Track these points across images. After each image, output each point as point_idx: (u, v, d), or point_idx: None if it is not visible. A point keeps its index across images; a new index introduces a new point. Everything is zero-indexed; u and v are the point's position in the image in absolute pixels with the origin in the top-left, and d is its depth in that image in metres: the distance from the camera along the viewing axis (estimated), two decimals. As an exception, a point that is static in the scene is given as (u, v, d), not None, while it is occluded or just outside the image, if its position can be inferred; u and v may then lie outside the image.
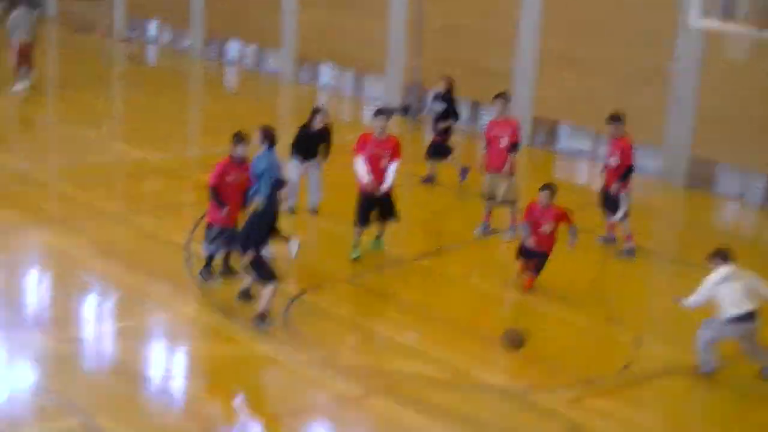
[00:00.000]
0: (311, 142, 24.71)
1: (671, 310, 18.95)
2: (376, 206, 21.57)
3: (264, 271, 18.32)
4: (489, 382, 17.56)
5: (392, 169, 21.40)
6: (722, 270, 17.35)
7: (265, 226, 18.30)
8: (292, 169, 24.26)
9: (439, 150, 28.02)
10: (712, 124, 28.69)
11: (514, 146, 24.12)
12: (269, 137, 21.52)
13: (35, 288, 20.85)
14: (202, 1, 42.10)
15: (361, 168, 21.18)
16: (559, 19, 31.45)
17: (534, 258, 20.59)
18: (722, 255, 17.65)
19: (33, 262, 21.84)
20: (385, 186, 21.52)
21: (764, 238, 27.08)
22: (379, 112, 21.76)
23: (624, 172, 23.38)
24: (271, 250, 19.15)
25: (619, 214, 23.52)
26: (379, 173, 21.40)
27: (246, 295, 19.33)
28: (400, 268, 22.19)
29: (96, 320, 19.43)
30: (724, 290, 17.19)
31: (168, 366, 17.94)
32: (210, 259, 20.33)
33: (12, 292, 20.35)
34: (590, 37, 30.78)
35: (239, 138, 20.31)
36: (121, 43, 43.03)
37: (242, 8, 40.46)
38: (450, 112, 27.84)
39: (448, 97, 27.93)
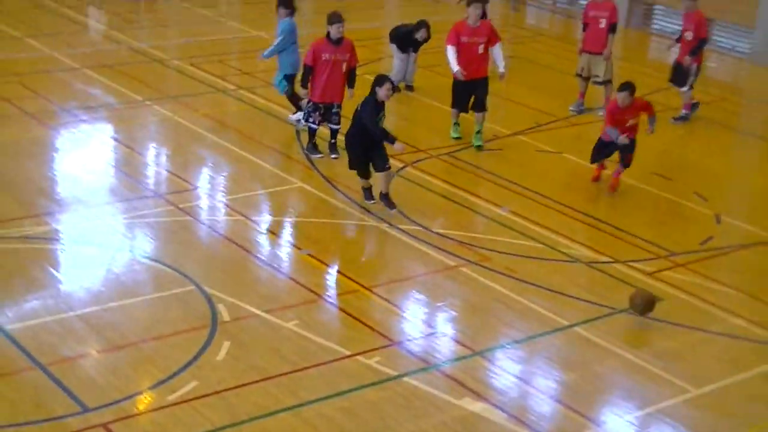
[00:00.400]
0: (411, 41, 24.57)
1: (755, 187, 18.90)
2: (471, 93, 21.11)
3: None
4: (575, 254, 17.69)
5: (498, 53, 20.93)
6: None
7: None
8: (395, 56, 24.46)
9: None
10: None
11: (612, 27, 23.96)
12: (286, 4, 21.89)
13: (153, 160, 21.16)
14: None
15: (452, 57, 20.71)
16: None
17: (620, 151, 20.10)
18: None
19: (152, 134, 22.13)
20: (501, 69, 21.30)
21: None
22: (335, 17, 20.39)
23: (696, 45, 23.44)
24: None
25: (686, 86, 23.50)
26: (477, 61, 20.93)
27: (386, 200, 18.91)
28: (498, 143, 22.02)
29: (210, 192, 19.69)
30: None
31: (276, 237, 18.21)
32: (312, 134, 20.66)
33: (132, 164, 20.72)
34: None
35: (334, 18, 20.14)
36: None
37: None
38: None
39: None
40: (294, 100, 21.73)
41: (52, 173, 19.75)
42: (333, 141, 20.65)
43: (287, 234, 18.31)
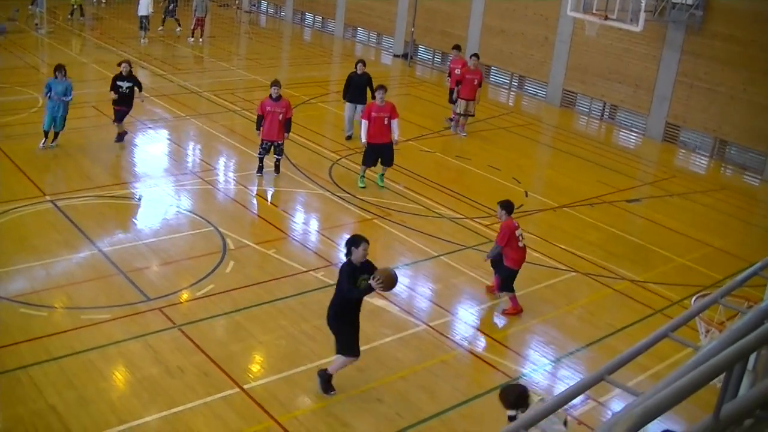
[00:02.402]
0: (357, 87, 21.90)
1: (547, 175, 18.95)
2: (378, 155, 18.83)
3: None
4: (442, 213, 17.83)
5: (395, 125, 18.71)
6: None
7: None
8: (346, 108, 22.36)
9: None
10: (574, 72, 28.56)
11: (479, 83, 23.42)
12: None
13: (191, 151, 21.09)
14: (290, -13, 41.75)
15: (364, 129, 18.46)
16: (494, 6, 31.09)
17: None
18: None
19: (190, 136, 21.95)
20: (396, 138, 18.87)
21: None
22: (381, 88, 18.71)
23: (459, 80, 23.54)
24: None
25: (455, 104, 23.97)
26: (382, 129, 18.61)
27: None
28: (397, 146, 22.07)
29: (224, 171, 19.64)
30: None
31: (262, 199, 18.22)
32: (260, 161, 19.16)
33: (178, 154, 20.69)
34: (511, 18, 30.48)
35: (274, 82, 18.62)
36: (245, 13, 42.49)
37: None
38: None
39: None
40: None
41: (132, 159, 19.71)
42: (276, 164, 19.05)
43: (270, 197, 18.33)
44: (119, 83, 19.66)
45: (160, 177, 18.54)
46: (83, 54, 30.71)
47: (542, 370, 12.39)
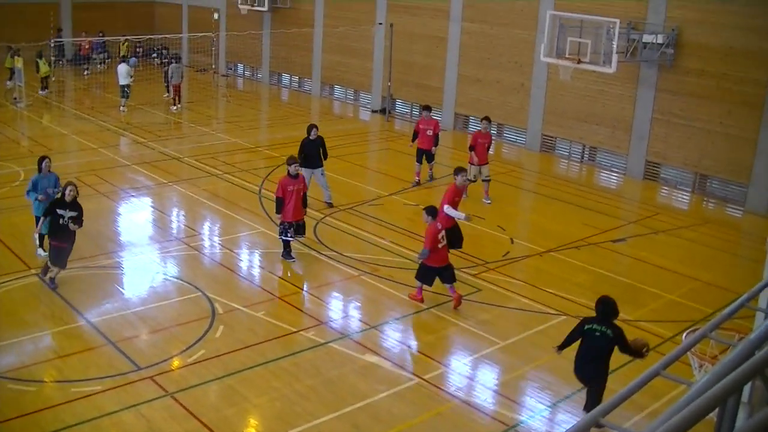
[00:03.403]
0: (311, 151, 21.00)
1: (532, 221, 18.97)
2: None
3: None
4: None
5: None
6: None
7: None
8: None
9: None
10: (552, 116, 28.81)
11: (436, 138, 23.58)
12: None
13: (175, 217, 21.02)
14: (268, 51, 41.82)
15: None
16: (468, 56, 31.39)
17: None
18: None
19: (173, 203, 21.91)
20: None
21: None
22: (292, 159, 17.54)
23: (435, 138, 23.72)
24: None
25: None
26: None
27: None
28: (380, 200, 22.08)
29: (209, 235, 19.57)
30: None
31: (248, 262, 18.16)
32: (287, 244, 17.84)
33: (162, 220, 20.62)
34: (485, 67, 30.76)
35: (291, 160, 17.55)
36: (222, 77, 42.79)
37: (291, 54, 40.27)
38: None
39: None
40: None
41: (116, 228, 19.66)
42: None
43: (256, 260, 18.25)
44: (60, 212, 15.61)
45: (146, 245, 18.50)
46: (62, 125, 30.74)
47: (539, 416, 12.33)
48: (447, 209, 17.07)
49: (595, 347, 11.15)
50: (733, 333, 10.99)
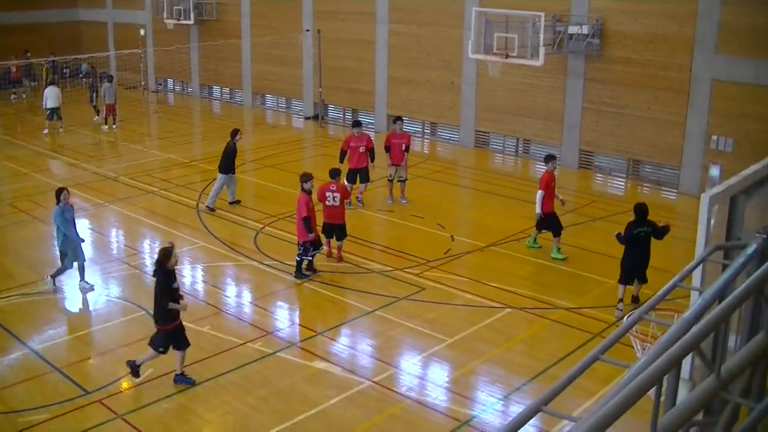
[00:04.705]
0: (231, 156, 21.84)
1: (471, 217, 19.09)
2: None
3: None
4: (371, 268, 17.92)
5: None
6: None
7: None
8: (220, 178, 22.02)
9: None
10: (484, 112, 29.05)
11: (407, 147, 22.34)
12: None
13: (114, 238, 20.82)
14: (197, 64, 41.51)
15: (539, 201, 18.33)
16: (397, 57, 31.51)
17: None
18: None
19: (111, 223, 21.66)
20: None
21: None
22: (307, 176, 17.24)
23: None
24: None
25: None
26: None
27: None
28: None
29: (150, 253, 19.34)
30: None
31: (191, 277, 18.06)
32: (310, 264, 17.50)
33: (102, 242, 20.32)
34: (415, 67, 30.89)
35: (308, 176, 17.30)
36: (153, 93, 42.44)
37: (220, 66, 40.03)
38: None
39: None
40: None
41: (54, 252, 19.29)
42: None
43: (199, 274, 18.14)
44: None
45: (87, 267, 18.29)
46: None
47: (492, 409, 12.45)
48: (538, 196, 18.38)
49: (644, 245, 15.44)
50: (672, 312, 11.22)
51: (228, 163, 22.06)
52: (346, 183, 21.29)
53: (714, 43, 22.89)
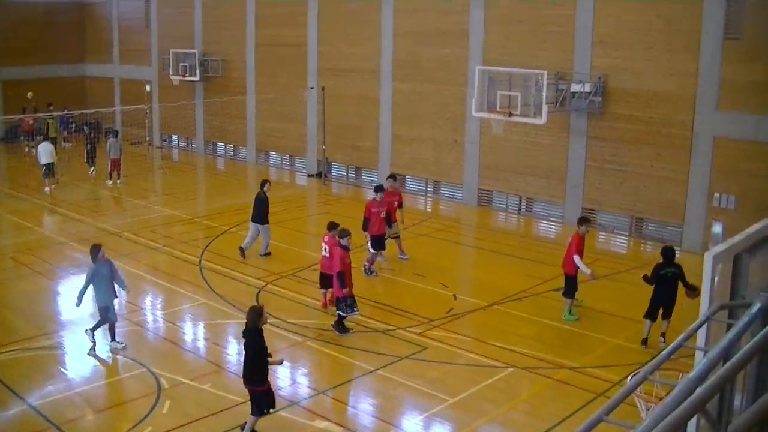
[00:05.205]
0: (262, 207, 22.36)
1: (474, 276, 19.03)
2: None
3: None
4: (373, 327, 17.82)
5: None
6: None
7: None
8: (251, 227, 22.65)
9: None
10: (487, 170, 29.15)
11: (399, 204, 22.52)
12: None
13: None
14: (201, 121, 41.80)
15: (581, 265, 17.92)
16: (400, 115, 31.71)
17: None
18: None
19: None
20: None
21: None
22: (345, 232, 17.39)
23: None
24: None
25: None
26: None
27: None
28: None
29: (152, 309, 19.39)
30: None
31: (195, 334, 17.98)
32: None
33: (102, 298, 20.25)
34: (418, 125, 31.07)
35: (345, 232, 17.38)
36: (157, 149, 42.65)
37: (224, 122, 40.32)
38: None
39: None
40: None
41: (56, 307, 19.38)
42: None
43: (201, 332, 18.09)
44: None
45: (87, 323, 18.13)
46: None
47: (493, 470, 12.33)
48: (577, 260, 17.95)
49: (670, 284, 16.32)
50: (677, 373, 11.12)
51: (259, 213, 22.53)
52: (372, 251, 21.23)
53: (715, 100, 23.07)
